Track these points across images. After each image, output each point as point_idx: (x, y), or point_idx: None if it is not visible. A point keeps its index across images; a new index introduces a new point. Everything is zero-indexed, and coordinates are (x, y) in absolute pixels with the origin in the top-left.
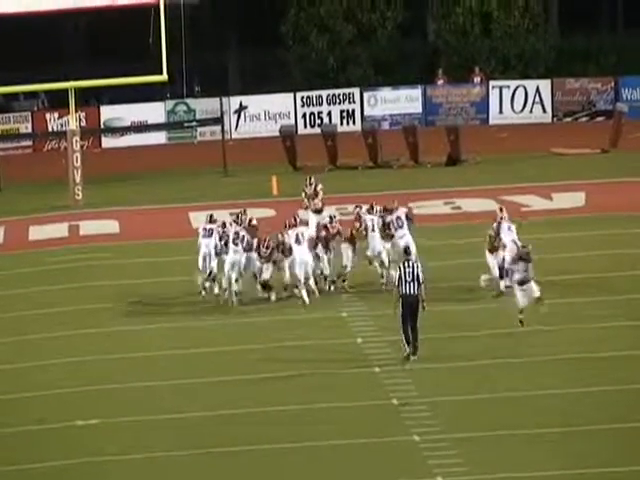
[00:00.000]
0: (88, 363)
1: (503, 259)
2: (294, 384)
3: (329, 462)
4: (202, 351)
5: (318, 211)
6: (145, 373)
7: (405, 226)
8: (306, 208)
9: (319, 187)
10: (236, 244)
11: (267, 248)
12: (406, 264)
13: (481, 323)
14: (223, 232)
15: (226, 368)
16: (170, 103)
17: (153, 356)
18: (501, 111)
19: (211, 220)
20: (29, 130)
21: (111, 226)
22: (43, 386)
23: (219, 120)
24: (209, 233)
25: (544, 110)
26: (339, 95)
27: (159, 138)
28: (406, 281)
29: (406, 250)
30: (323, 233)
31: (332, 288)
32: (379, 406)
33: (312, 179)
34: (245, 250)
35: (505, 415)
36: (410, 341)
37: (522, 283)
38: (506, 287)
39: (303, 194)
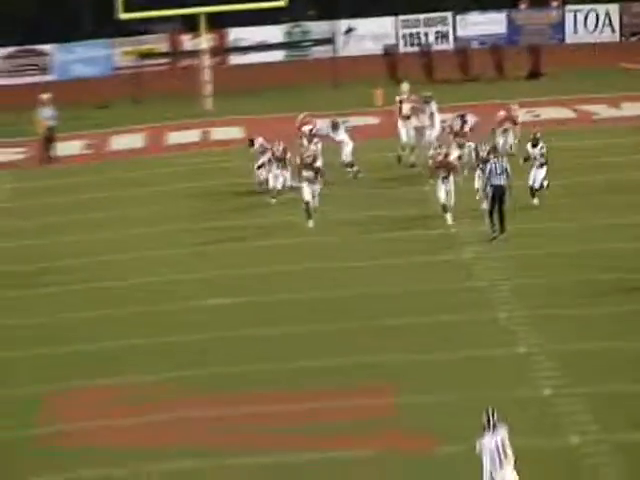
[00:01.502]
0: None
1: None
2: None
3: None
4: None
5: (406, 117)
6: None
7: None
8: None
9: (409, 92)
10: None
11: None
12: (496, 160)
13: None
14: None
15: None
16: (288, 25)
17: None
18: (575, 31)
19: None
20: (166, 49)
21: (237, 132)
22: None
23: (331, 40)
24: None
25: (613, 30)
26: (435, 18)
27: (278, 56)
28: (497, 174)
29: (495, 148)
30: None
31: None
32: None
33: (405, 85)
34: None
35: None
36: (496, 224)
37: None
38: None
39: (397, 98)
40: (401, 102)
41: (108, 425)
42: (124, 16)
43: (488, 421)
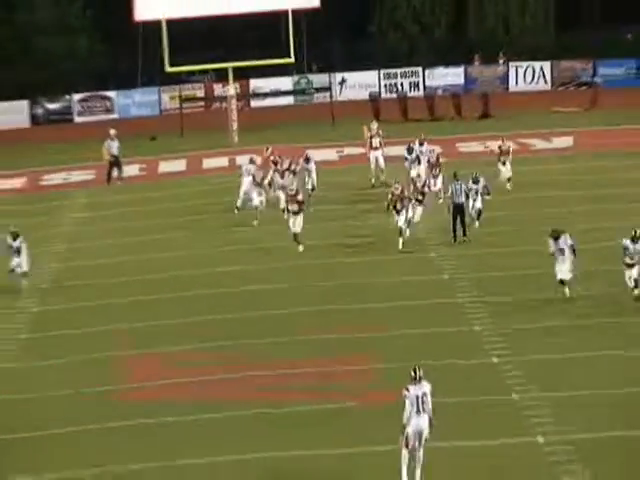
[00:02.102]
0: None
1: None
2: None
3: None
4: None
5: (375, 148)
6: None
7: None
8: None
9: (378, 129)
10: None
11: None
12: (456, 183)
13: None
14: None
15: None
16: (295, 77)
17: None
18: (517, 82)
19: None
20: (202, 95)
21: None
22: None
23: (328, 89)
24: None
25: (546, 82)
26: (408, 72)
27: (288, 101)
28: (458, 195)
29: (455, 175)
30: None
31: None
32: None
33: (374, 124)
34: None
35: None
36: (457, 233)
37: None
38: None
39: (367, 134)
40: (371, 137)
41: (171, 383)
42: (170, 70)
43: (415, 375)
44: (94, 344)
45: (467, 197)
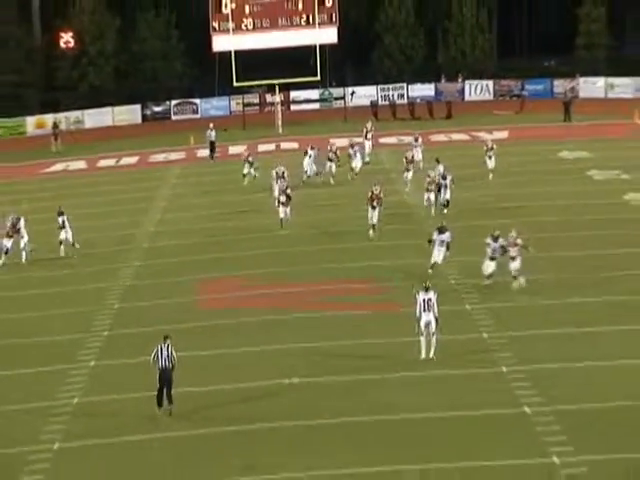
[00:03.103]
0: None
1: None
2: None
3: None
4: None
5: (368, 139)
6: None
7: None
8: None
9: (372, 127)
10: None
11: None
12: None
13: None
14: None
15: None
16: (321, 90)
17: None
18: (470, 94)
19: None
20: (257, 101)
21: (295, 145)
22: None
23: (343, 98)
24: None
25: (489, 93)
26: (397, 86)
27: (315, 106)
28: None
29: (437, 160)
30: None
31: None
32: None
33: (369, 123)
34: None
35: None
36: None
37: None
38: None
39: (364, 129)
40: (367, 132)
41: (238, 295)
42: (236, 84)
43: (425, 285)
44: (182, 270)
45: (439, 190)
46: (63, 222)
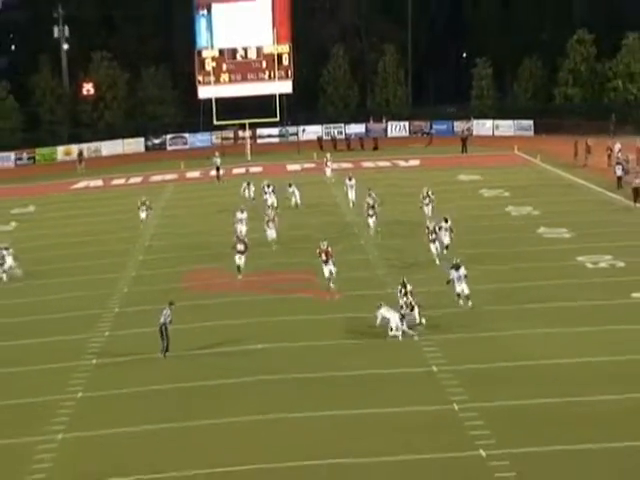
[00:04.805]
0: None
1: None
2: None
3: None
4: None
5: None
6: None
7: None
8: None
9: (330, 157)
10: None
11: None
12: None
13: None
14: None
15: None
16: (280, 128)
17: None
18: (392, 131)
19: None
20: (232, 136)
21: (259, 169)
22: None
23: (296, 134)
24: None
25: (407, 131)
26: (338, 126)
27: (276, 140)
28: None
29: (369, 189)
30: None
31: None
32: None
33: (328, 155)
34: None
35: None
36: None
37: None
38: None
39: (324, 160)
40: (326, 160)
41: (216, 282)
42: (216, 122)
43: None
44: (173, 263)
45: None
46: (3, 257)
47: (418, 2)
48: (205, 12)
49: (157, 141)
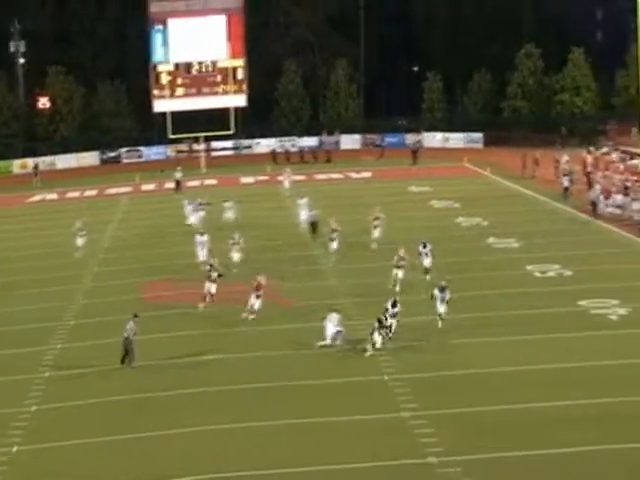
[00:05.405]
0: None
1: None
2: None
3: None
4: None
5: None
6: None
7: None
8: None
9: (289, 170)
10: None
11: None
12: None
13: None
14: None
15: None
16: (234, 141)
17: None
18: (344, 145)
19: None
20: (187, 149)
21: (214, 182)
22: None
23: (250, 147)
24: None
25: (359, 145)
26: (291, 139)
27: (230, 152)
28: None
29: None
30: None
31: None
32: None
33: (287, 169)
34: None
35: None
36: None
37: None
38: None
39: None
40: (285, 173)
41: (172, 294)
42: (171, 136)
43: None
44: (128, 273)
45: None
46: None
47: (370, 17)
48: (161, 27)
49: (112, 154)
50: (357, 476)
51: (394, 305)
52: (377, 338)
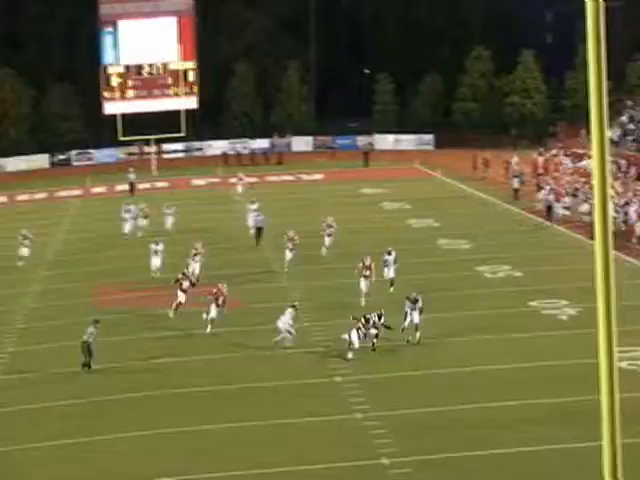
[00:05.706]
0: None
1: None
2: None
3: None
4: None
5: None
6: None
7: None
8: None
9: (244, 175)
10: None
11: None
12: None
13: None
14: None
15: None
16: (185, 143)
17: None
18: (296, 147)
19: None
20: (138, 151)
21: (166, 185)
22: None
23: (201, 149)
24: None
25: (310, 146)
26: (244, 142)
27: (181, 155)
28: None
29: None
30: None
31: None
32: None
33: (241, 173)
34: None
35: None
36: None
37: None
38: None
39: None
40: (240, 178)
41: (124, 297)
42: (122, 138)
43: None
44: (80, 277)
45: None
46: None
47: (321, 20)
48: (111, 29)
49: (62, 157)
50: (310, 477)
51: (380, 317)
52: (354, 338)
